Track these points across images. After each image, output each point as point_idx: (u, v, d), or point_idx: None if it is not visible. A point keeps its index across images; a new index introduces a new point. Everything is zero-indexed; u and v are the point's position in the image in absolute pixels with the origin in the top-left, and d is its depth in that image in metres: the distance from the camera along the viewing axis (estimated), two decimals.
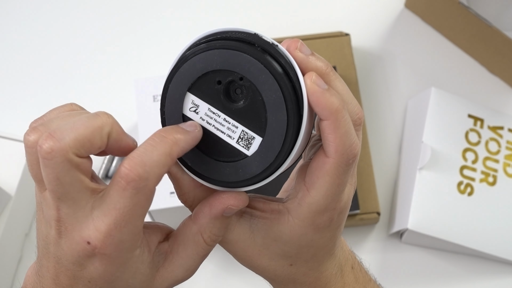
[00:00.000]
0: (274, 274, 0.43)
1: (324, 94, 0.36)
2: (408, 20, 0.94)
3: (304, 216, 0.40)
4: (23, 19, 0.95)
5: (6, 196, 0.76)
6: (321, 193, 0.39)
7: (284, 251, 0.42)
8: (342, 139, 0.37)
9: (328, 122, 0.36)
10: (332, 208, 0.39)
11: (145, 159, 0.35)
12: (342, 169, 0.38)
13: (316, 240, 0.41)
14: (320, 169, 0.38)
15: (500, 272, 0.80)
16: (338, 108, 0.36)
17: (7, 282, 0.80)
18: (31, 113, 0.89)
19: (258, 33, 0.38)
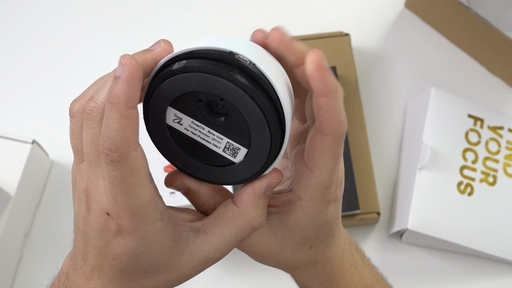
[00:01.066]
0: (298, 261, 0.45)
1: (329, 73, 0.38)
2: (408, 20, 0.94)
3: (315, 196, 0.41)
4: (23, 19, 0.95)
5: (6, 196, 0.76)
6: (325, 169, 0.41)
7: (304, 238, 0.43)
8: (338, 115, 0.39)
9: (327, 99, 0.38)
10: (335, 181, 0.42)
11: (107, 132, 0.36)
12: (338, 143, 0.40)
13: (329, 214, 0.43)
14: (319, 148, 0.40)
15: (500, 272, 0.80)
16: (337, 86, 0.38)
17: (7, 282, 0.80)
18: (31, 113, 0.90)
19: (234, 51, 0.37)
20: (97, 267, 0.41)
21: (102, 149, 0.36)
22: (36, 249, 0.82)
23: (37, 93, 0.91)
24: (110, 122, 0.36)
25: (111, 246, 0.39)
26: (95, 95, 0.39)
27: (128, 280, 0.41)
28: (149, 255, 0.40)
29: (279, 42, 0.40)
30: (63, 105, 0.90)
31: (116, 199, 0.38)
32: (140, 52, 0.39)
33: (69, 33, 0.94)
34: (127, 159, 0.36)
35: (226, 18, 0.95)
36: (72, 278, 0.42)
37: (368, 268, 0.49)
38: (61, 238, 0.83)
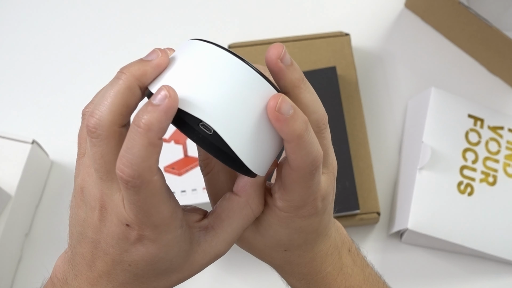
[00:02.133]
0: (271, 257, 0.46)
1: (287, 122, 0.37)
2: (408, 20, 0.94)
3: (287, 209, 0.42)
4: (23, 19, 0.95)
5: (6, 196, 0.76)
6: (295, 194, 0.41)
7: (276, 240, 0.44)
8: (303, 158, 0.39)
9: (290, 145, 0.38)
10: (312, 200, 0.41)
11: (129, 157, 0.36)
12: (306, 177, 0.40)
13: (305, 226, 0.43)
14: (288, 177, 0.40)
15: (500, 272, 0.80)
16: (300, 133, 0.38)
17: (7, 282, 0.80)
18: (31, 113, 0.90)
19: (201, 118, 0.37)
20: (107, 273, 0.40)
21: (121, 174, 0.36)
22: (36, 249, 0.82)
23: (37, 93, 0.91)
24: (136, 148, 0.35)
25: (128, 253, 0.39)
26: (95, 110, 0.38)
27: (141, 283, 0.41)
28: (168, 261, 0.40)
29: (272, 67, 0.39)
30: (63, 105, 0.91)
31: (137, 216, 0.38)
32: (138, 63, 0.39)
33: (69, 33, 0.94)
34: (149, 185, 0.36)
35: (227, 18, 0.95)
36: (72, 283, 0.42)
37: (358, 269, 0.48)
38: (61, 238, 0.83)
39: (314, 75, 0.83)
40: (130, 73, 0.38)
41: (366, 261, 0.50)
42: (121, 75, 0.38)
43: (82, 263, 0.41)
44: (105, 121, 0.37)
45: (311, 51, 0.86)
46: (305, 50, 0.87)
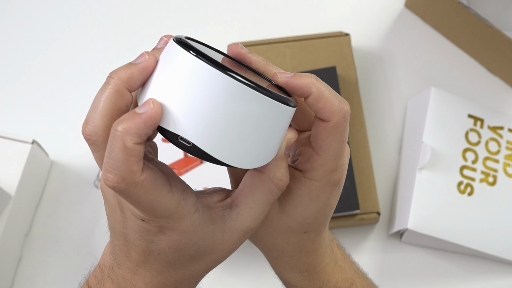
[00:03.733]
0: (287, 243, 0.46)
1: (294, 78, 0.40)
2: (408, 20, 0.94)
3: (320, 176, 0.42)
4: (23, 19, 0.95)
5: (6, 196, 0.76)
6: (330, 152, 0.41)
7: (303, 217, 0.44)
8: (331, 101, 0.40)
9: (312, 95, 0.40)
10: (341, 165, 0.43)
11: (111, 162, 0.36)
12: (342, 126, 0.41)
13: (332, 198, 0.44)
14: (322, 132, 0.41)
15: (500, 272, 0.80)
16: (312, 81, 0.40)
17: (7, 282, 0.80)
18: (31, 113, 0.90)
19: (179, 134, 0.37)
20: (143, 262, 0.42)
21: (107, 182, 0.37)
22: (36, 249, 0.82)
23: (37, 93, 0.91)
24: (115, 152, 0.36)
25: (154, 243, 0.41)
26: (88, 117, 0.40)
27: (176, 269, 0.42)
28: (193, 245, 0.41)
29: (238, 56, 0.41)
30: (63, 105, 0.91)
31: (145, 212, 0.39)
32: (126, 67, 0.40)
33: (69, 33, 0.95)
34: (136, 186, 0.37)
35: (227, 18, 0.95)
36: (117, 271, 0.43)
37: (348, 263, 0.50)
38: (61, 238, 0.83)
39: None
40: (118, 77, 0.39)
41: (351, 258, 0.51)
42: (110, 80, 0.39)
43: (121, 254, 0.43)
44: (99, 127, 0.39)
45: (311, 51, 0.86)
46: (305, 50, 0.87)
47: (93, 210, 0.84)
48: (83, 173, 0.86)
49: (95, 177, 0.85)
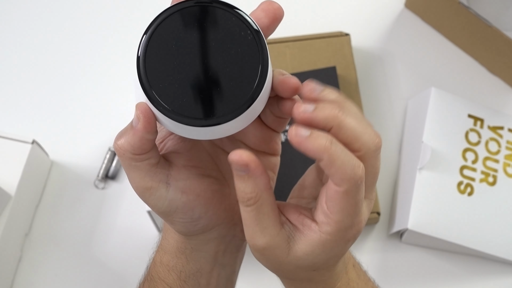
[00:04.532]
0: (296, 276, 0.45)
1: (308, 141, 0.38)
2: (408, 20, 0.94)
3: (335, 233, 0.41)
4: (23, 19, 0.95)
5: (6, 196, 0.76)
6: (344, 214, 0.41)
7: (313, 262, 0.43)
8: (342, 169, 0.39)
9: (323, 162, 0.39)
10: (357, 223, 0.42)
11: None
12: (353, 191, 0.40)
13: (345, 249, 0.44)
14: (335, 196, 0.40)
15: (500, 272, 0.80)
16: (325, 147, 0.38)
17: (7, 282, 0.80)
18: (31, 113, 0.90)
19: None
20: None
21: None
22: (36, 249, 0.82)
23: (37, 93, 0.91)
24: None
25: None
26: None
27: None
28: None
29: None
30: (63, 105, 0.91)
31: None
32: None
33: (69, 33, 0.94)
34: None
35: None
36: None
37: (362, 283, 0.49)
38: (61, 238, 0.83)
39: (314, 75, 0.83)
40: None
41: (368, 275, 0.51)
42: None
43: None
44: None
45: (311, 51, 0.86)
46: (305, 50, 0.86)
47: (93, 210, 0.84)
48: (83, 173, 0.86)
49: (95, 177, 0.85)
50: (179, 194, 0.44)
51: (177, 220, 0.45)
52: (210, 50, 0.40)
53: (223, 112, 0.39)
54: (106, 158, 0.86)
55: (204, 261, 0.49)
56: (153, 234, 0.82)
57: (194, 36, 0.40)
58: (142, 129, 0.41)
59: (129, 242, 0.82)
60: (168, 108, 0.40)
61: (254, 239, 0.42)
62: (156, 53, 0.41)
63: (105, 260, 0.82)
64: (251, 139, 0.47)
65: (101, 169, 0.85)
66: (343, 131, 0.39)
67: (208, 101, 0.40)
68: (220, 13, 0.40)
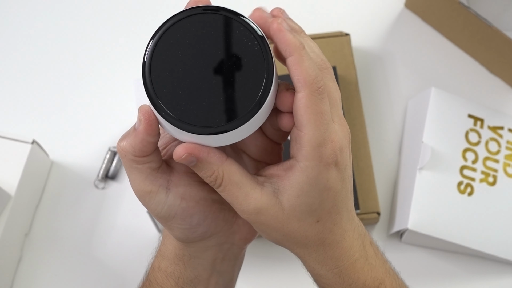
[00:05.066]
0: (305, 237, 0.45)
1: (288, 33, 0.41)
2: (408, 20, 0.94)
3: (310, 154, 0.42)
4: (24, 19, 0.95)
5: (6, 196, 0.76)
6: (311, 125, 0.41)
7: (309, 204, 0.43)
8: (308, 71, 0.41)
9: (292, 58, 0.41)
10: (330, 141, 0.42)
11: None
12: (316, 97, 0.41)
13: (331, 179, 0.43)
14: (299, 106, 0.41)
15: (500, 272, 0.80)
16: (299, 45, 0.41)
17: (7, 282, 0.80)
18: (31, 113, 0.90)
19: None
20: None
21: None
22: (36, 249, 0.82)
23: (37, 93, 0.91)
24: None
25: None
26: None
27: None
28: None
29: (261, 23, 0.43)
30: (63, 105, 0.91)
31: None
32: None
33: (69, 33, 0.94)
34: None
35: None
36: None
37: (380, 262, 0.49)
38: (61, 238, 0.83)
39: None
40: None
41: (385, 257, 0.50)
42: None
43: None
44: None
45: None
46: None
47: (93, 210, 0.84)
48: (83, 173, 0.86)
49: (95, 177, 0.85)
50: (179, 200, 0.44)
51: (176, 226, 0.46)
52: (216, 58, 0.40)
53: (226, 121, 0.40)
54: (106, 158, 0.86)
55: (202, 268, 0.50)
56: (153, 234, 0.82)
57: (201, 43, 0.41)
58: (144, 131, 0.41)
59: (129, 242, 0.82)
60: (172, 115, 0.40)
61: (243, 210, 0.43)
62: (162, 59, 0.41)
63: (105, 260, 0.82)
64: (253, 150, 0.47)
65: (101, 169, 0.85)
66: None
67: (212, 109, 0.40)
68: (227, 21, 0.41)
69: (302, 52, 0.41)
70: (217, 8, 0.41)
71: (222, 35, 0.41)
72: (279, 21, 0.41)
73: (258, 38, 0.41)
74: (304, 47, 0.41)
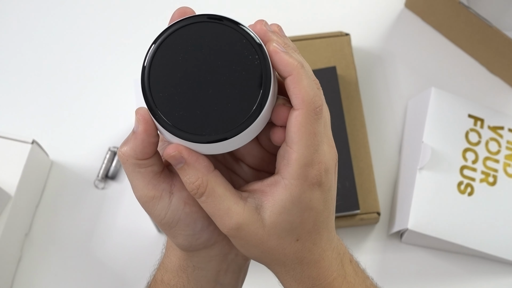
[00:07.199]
0: (284, 254, 0.45)
1: (286, 54, 0.41)
2: (408, 20, 0.94)
3: (296, 173, 0.42)
4: (24, 19, 0.95)
5: (6, 196, 0.76)
6: (302, 144, 0.41)
7: (290, 222, 0.43)
8: (306, 90, 0.41)
9: (291, 77, 0.41)
10: (317, 162, 0.42)
11: None
12: (312, 117, 0.41)
13: (314, 200, 0.43)
14: (294, 123, 0.41)
15: (500, 272, 0.80)
16: (298, 64, 0.41)
17: (7, 282, 0.80)
18: (31, 113, 0.90)
19: None
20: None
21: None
22: (36, 249, 0.82)
23: (37, 93, 0.91)
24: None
25: None
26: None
27: None
28: None
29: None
30: (63, 105, 0.91)
31: None
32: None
33: (69, 33, 0.94)
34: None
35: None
36: None
37: (360, 279, 0.48)
38: (61, 238, 0.83)
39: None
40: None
41: (366, 273, 0.50)
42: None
43: None
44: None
45: (311, 51, 0.86)
46: (305, 50, 0.87)
47: (93, 210, 0.84)
48: (83, 173, 0.86)
49: (95, 177, 0.85)
50: (182, 205, 0.44)
51: (179, 233, 0.45)
52: (215, 67, 0.41)
53: (218, 131, 0.40)
54: (106, 158, 0.86)
55: (206, 280, 0.49)
56: (153, 234, 0.82)
57: (201, 51, 0.41)
58: (143, 132, 0.41)
59: (129, 242, 0.82)
60: (166, 120, 0.40)
61: (224, 224, 0.43)
62: (161, 64, 0.41)
63: (105, 260, 0.82)
64: (250, 159, 0.47)
65: (101, 169, 0.85)
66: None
67: (206, 118, 0.40)
68: (229, 31, 0.41)
69: (301, 71, 0.41)
70: (220, 17, 0.42)
71: (222, 44, 0.41)
72: (274, 43, 0.41)
73: (258, 51, 0.41)
74: (302, 66, 0.41)
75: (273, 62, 0.41)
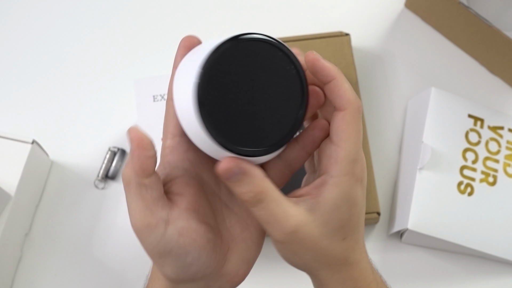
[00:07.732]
0: (333, 256, 0.46)
1: (324, 61, 0.45)
2: (408, 20, 0.94)
3: (345, 169, 0.44)
4: (23, 19, 0.95)
5: (6, 196, 0.76)
6: (351, 141, 0.44)
7: (339, 220, 0.45)
8: (350, 91, 0.44)
9: (335, 81, 0.44)
10: (361, 158, 0.45)
11: None
12: (357, 116, 0.44)
13: (359, 195, 0.45)
14: (341, 122, 0.44)
15: (500, 272, 0.80)
16: (338, 69, 0.44)
17: (7, 282, 0.80)
18: (31, 113, 0.90)
19: None
20: None
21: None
22: (36, 249, 0.82)
23: (37, 93, 0.91)
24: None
25: None
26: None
27: None
28: None
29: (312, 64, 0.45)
30: (63, 105, 0.91)
31: None
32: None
33: (69, 33, 0.95)
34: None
35: (227, 18, 0.95)
36: None
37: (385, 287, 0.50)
38: (61, 238, 0.83)
39: None
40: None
41: (386, 284, 0.51)
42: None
43: None
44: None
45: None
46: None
47: (93, 210, 0.84)
48: (83, 173, 0.86)
49: (95, 177, 0.85)
50: (176, 236, 0.43)
51: (168, 263, 0.44)
52: (259, 86, 0.43)
53: (269, 141, 0.43)
54: (106, 158, 0.86)
55: None
56: None
57: (247, 71, 0.43)
58: (137, 148, 0.42)
59: (129, 242, 0.82)
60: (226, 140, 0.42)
61: (282, 229, 0.43)
62: (212, 84, 0.42)
63: (105, 260, 0.82)
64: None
65: (101, 169, 0.85)
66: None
67: (250, 132, 0.43)
68: (275, 52, 0.44)
69: (342, 75, 0.44)
70: (270, 40, 0.44)
71: (268, 65, 0.44)
72: (314, 52, 0.45)
73: (301, 73, 0.45)
74: (340, 71, 0.44)
75: (315, 69, 0.44)
